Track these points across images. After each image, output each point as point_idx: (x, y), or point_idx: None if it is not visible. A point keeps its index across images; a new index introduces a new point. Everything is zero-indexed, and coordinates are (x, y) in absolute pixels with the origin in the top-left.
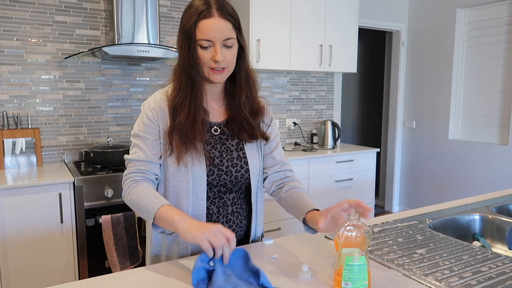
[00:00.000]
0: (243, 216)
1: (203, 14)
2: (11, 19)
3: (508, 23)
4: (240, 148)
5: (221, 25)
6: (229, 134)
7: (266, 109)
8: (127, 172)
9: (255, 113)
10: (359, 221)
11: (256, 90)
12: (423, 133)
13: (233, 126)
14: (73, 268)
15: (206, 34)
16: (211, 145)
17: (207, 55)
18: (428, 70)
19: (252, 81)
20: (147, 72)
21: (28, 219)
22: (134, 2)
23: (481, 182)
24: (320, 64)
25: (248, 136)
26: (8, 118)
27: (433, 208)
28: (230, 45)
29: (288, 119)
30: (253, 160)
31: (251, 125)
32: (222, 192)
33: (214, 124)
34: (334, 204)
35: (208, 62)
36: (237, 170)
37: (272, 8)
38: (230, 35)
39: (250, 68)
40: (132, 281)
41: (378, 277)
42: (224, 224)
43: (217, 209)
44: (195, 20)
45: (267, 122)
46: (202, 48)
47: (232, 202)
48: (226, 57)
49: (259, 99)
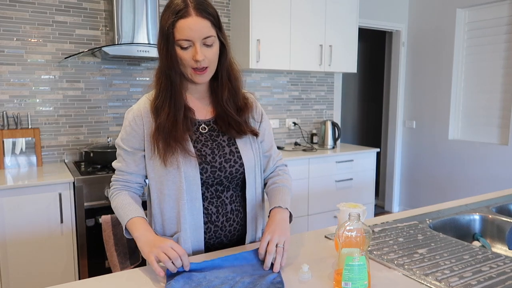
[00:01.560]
0: (242, 214)
1: (181, 13)
2: (11, 19)
3: (508, 23)
4: (232, 143)
5: (199, 24)
6: (219, 131)
7: (254, 105)
8: (112, 179)
9: (241, 109)
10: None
11: (239, 87)
12: (423, 133)
13: (221, 124)
14: (73, 268)
15: (184, 34)
16: (202, 143)
17: (187, 55)
18: (428, 70)
19: (234, 78)
20: (147, 72)
21: (28, 219)
22: (134, 2)
23: (481, 182)
24: (320, 64)
25: (236, 132)
26: (8, 118)
27: (433, 208)
28: (210, 43)
29: (288, 119)
30: (247, 154)
31: (237, 122)
32: (219, 191)
33: (202, 122)
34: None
35: (189, 62)
36: (231, 165)
37: (272, 8)
38: (209, 33)
39: (232, 65)
40: (132, 281)
41: (378, 277)
42: (224, 223)
43: (216, 208)
44: (172, 21)
45: (257, 118)
46: (182, 48)
47: (231, 200)
48: (207, 56)
49: (246, 95)
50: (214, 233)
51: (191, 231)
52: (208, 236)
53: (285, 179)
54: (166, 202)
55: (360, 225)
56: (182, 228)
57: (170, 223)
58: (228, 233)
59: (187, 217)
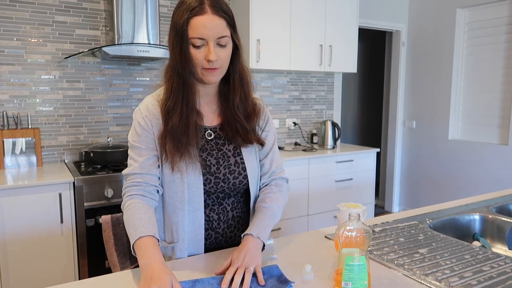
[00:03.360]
0: (244, 220)
1: (195, 10)
2: (11, 19)
3: (508, 23)
4: (237, 153)
5: (215, 22)
6: (225, 139)
7: (262, 111)
8: (124, 186)
9: (250, 116)
10: (359, 221)
11: (250, 91)
12: (423, 133)
13: (227, 130)
14: (73, 268)
15: (198, 32)
16: (207, 152)
17: (200, 54)
18: (428, 70)
19: (246, 82)
20: (147, 72)
21: (28, 219)
22: (134, 2)
23: (481, 182)
24: (320, 64)
25: (243, 140)
26: (8, 118)
27: (433, 208)
28: (224, 44)
29: (288, 119)
30: (251, 165)
31: (246, 129)
32: (220, 198)
33: (208, 128)
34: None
35: (201, 62)
36: (235, 177)
37: (272, 8)
38: (224, 33)
39: (244, 68)
40: (132, 281)
41: (378, 277)
42: (225, 230)
43: (217, 216)
44: (187, 17)
45: (262, 126)
46: (194, 47)
47: (232, 207)
48: (220, 57)
49: (255, 101)
50: (214, 239)
51: (190, 239)
52: (208, 242)
53: (275, 199)
54: (166, 210)
55: (360, 225)
56: (179, 238)
57: (168, 231)
58: (229, 239)
59: (187, 227)
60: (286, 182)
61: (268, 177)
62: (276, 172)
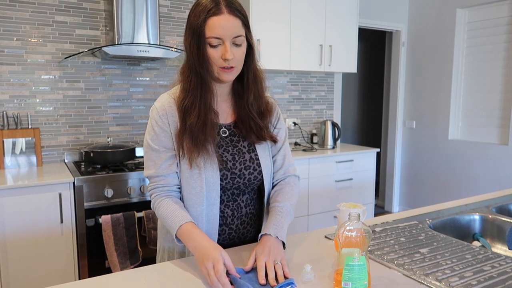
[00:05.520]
0: (256, 217)
1: (212, 11)
2: (11, 19)
3: (508, 23)
4: (252, 150)
5: (231, 22)
6: (240, 136)
7: (274, 109)
8: (149, 188)
9: (263, 114)
10: (359, 221)
11: (263, 90)
12: (423, 133)
13: (241, 128)
14: (73, 268)
15: (215, 32)
16: (223, 148)
17: (217, 53)
18: (428, 70)
19: (260, 81)
20: (147, 72)
21: (28, 219)
22: (134, 2)
23: (481, 182)
24: (320, 64)
25: (256, 137)
26: (8, 118)
27: (433, 208)
28: (240, 43)
29: (288, 119)
30: (265, 161)
31: (259, 126)
32: (235, 195)
33: (223, 125)
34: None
35: (218, 61)
36: (250, 173)
37: (272, 8)
38: (239, 33)
39: (257, 67)
40: (132, 281)
41: (378, 277)
42: (238, 226)
43: (232, 211)
44: (204, 18)
45: (274, 123)
46: (211, 46)
47: (246, 203)
48: (236, 56)
49: (267, 99)
50: (228, 235)
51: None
52: (222, 238)
53: (287, 198)
54: (185, 204)
55: (360, 225)
56: None
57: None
58: (241, 235)
59: (204, 222)
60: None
61: (283, 174)
62: (289, 169)
